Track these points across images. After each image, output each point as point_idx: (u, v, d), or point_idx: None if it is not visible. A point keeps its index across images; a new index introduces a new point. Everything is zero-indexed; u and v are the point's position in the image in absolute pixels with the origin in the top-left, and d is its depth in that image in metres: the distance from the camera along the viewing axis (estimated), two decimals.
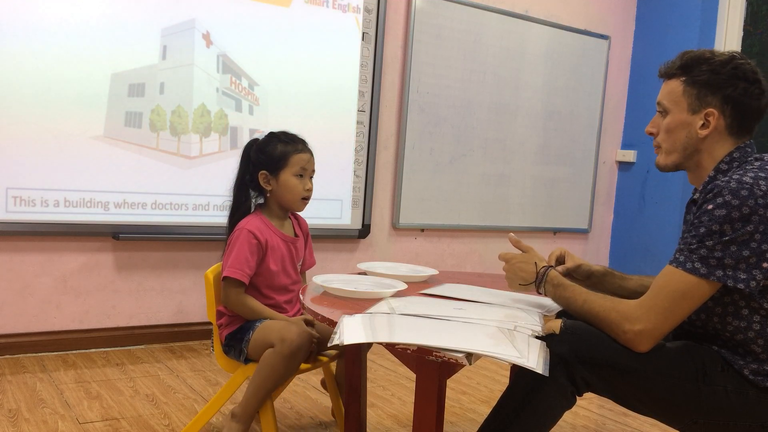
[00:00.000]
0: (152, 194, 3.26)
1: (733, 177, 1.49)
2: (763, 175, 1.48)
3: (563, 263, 1.89)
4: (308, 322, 2.10)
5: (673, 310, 1.47)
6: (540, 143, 4.52)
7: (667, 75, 1.65)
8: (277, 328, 2.00)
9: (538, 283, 1.71)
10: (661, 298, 1.47)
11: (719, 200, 1.45)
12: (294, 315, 2.21)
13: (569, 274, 1.88)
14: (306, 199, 2.20)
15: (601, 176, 4.89)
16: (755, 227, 1.43)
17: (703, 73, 1.57)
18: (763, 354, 1.50)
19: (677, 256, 1.50)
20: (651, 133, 1.69)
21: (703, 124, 1.58)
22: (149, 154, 3.24)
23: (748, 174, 1.48)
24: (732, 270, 1.44)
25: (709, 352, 1.54)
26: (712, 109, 1.57)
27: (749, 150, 1.59)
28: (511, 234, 1.89)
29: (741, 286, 1.44)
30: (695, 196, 1.62)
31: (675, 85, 1.62)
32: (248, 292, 2.14)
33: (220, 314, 2.18)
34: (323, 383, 2.52)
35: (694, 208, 1.58)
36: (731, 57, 1.57)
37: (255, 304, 2.12)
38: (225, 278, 2.09)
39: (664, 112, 1.65)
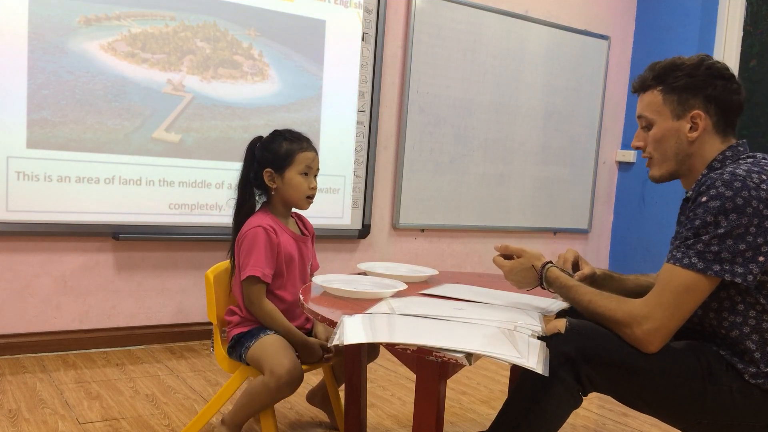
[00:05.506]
0: (152, 194, 3.25)
1: (726, 170, 1.51)
2: (756, 169, 1.50)
3: (576, 266, 1.89)
4: (324, 348, 2.12)
5: (678, 306, 1.47)
6: (540, 143, 4.52)
7: (642, 88, 1.68)
8: (271, 355, 1.97)
9: (542, 283, 1.72)
10: (665, 295, 1.48)
11: (713, 192, 1.47)
12: (303, 319, 2.21)
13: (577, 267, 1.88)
14: (310, 197, 2.19)
15: (601, 176, 4.89)
16: (749, 220, 1.44)
17: (679, 79, 1.60)
18: (757, 351, 1.50)
19: (674, 252, 1.51)
20: (638, 147, 1.72)
21: (691, 127, 1.60)
22: (149, 153, 3.24)
23: (741, 167, 1.51)
24: (729, 264, 1.45)
25: (713, 352, 1.54)
26: (697, 110, 1.59)
27: (741, 149, 1.61)
28: (496, 245, 1.86)
29: (738, 280, 1.45)
30: (688, 194, 1.62)
31: (653, 96, 1.64)
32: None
33: (231, 312, 2.17)
34: (310, 398, 2.48)
35: (688, 206, 1.58)
36: (701, 59, 1.61)
37: (274, 312, 2.08)
38: (248, 278, 2.06)
39: (648, 126, 1.67)
